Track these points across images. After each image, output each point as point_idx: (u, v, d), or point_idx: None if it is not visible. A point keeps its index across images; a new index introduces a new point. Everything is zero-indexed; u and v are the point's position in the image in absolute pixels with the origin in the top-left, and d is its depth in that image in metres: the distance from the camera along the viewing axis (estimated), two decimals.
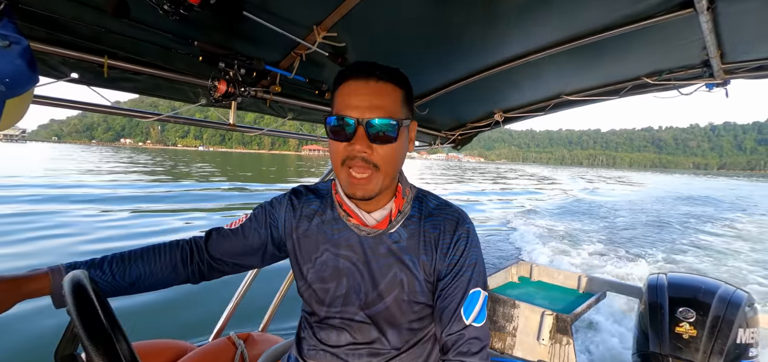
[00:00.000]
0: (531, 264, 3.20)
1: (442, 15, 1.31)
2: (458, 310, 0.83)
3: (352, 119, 0.76)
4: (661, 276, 2.01)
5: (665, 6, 1.32)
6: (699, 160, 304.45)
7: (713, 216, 16.17)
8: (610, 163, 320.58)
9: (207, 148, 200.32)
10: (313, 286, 0.91)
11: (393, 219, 0.87)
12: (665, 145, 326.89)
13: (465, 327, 0.82)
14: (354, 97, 0.78)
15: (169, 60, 1.25)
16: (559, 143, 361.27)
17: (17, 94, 0.86)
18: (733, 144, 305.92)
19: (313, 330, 0.95)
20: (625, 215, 15.34)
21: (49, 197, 12.46)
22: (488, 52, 1.68)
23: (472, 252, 0.86)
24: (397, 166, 0.83)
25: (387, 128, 0.77)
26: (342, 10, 1.17)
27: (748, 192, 35.48)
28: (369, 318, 0.89)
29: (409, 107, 0.84)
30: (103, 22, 1.02)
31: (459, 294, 0.84)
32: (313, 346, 0.94)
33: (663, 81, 1.92)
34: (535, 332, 2.35)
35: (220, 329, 1.79)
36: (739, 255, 8.86)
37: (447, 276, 0.85)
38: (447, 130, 2.68)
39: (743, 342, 1.72)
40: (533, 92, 2.26)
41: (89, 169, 26.17)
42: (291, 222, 0.94)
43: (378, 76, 0.79)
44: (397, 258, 0.87)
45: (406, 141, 0.85)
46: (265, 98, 1.48)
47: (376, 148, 0.78)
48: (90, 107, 1.24)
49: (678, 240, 10.52)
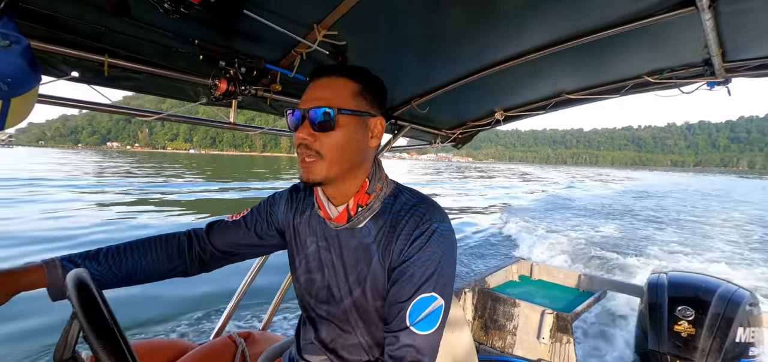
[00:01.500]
0: (531, 262, 3.20)
1: (443, 13, 1.31)
2: (402, 311, 0.78)
3: (299, 111, 0.83)
4: (662, 275, 2.01)
5: (667, 4, 1.32)
6: (676, 158, 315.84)
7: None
8: (592, 161, 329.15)
9: (198, 150, 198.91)
10: (303, 278, 0.96)
11: (353, 215, 0.87)
12: (644, 144, 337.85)
13: (404, 329, 0.77)
14: (306, 93, 0.85)
15: (169, 58, 1.25)
16: (544, 143, 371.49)
17: (20, 93, 0.86)
18: (708, 142, 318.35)
19: (308, 325, 0.98)
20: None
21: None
22: (489, 50, 1.68)
23: (430, 252, 0.80)
24: (345, 156, 0.83)
25: (324, 117, 0.80)
26: (342, 8, 1.16)
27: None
28: (347, 313, 0.91)
29: (367, 101, 0.85)
30: (104, 20, 1.02)
31: (406, 292, 0.79)
32: (308, 341, 0.97)
33: (664, 79, 1.91)
34: (536, 331, 2.35)
35: (220, 328, 1.79)
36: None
37: (398, 270, 0.82)
38: (447, 129, 2.68)
39: (743, 341, 1.71)
40: (534, 91, 2.26)
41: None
42: (289, 215, 1.00)
43: (329, 73, 0.84)
44: (364, 253, 0.87)
45: (362, 133, 0.85)
46: (265, 97, 1.48)
47: (319, 136, 0.81)
48: (92, 106, 1.24)
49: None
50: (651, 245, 9.22)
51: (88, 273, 0.61)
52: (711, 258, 7.93)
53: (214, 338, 1.70)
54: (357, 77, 0.85)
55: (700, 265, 7.49)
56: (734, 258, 8.10)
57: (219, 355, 1.44)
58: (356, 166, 0.87)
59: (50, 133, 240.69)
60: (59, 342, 0.60)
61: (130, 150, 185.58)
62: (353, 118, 0.83)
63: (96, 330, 0.50)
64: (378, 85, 0.89)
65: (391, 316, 0.81)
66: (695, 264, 7.60)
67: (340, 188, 0.87)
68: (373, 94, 0.87)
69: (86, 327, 0.51)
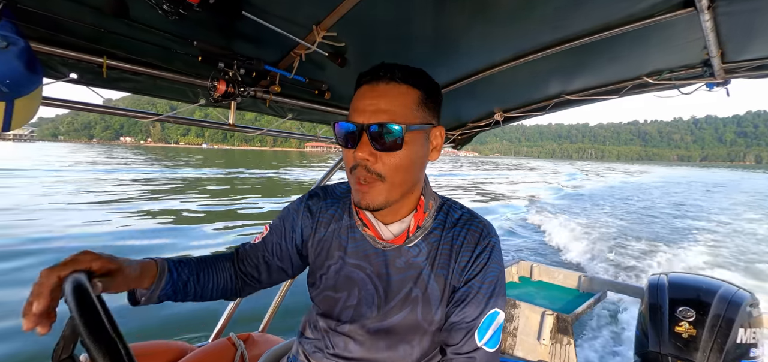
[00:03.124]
0: (531, 264, 3.19)
1: (442, 14, 1.31)
2: (472, 329, 0.76)
3: (354, 125, 0.72)
4: (662, 277, 2.01)
5: (666, 5, 1.32)
6: (682, 152, 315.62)
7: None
8: (598, 156, 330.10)
9: (211, 145, 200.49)
10: (324, 294, 0.88)
11: (411, 235, 0.82)
12: (650, 138, 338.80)
13: (476, 349, 0.75)
14: (361, 101, 0.74)
15: (168, 60, 1.25)
16: (549, 138, 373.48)
17: (22, 94, 0.87)
18: (715, 136, 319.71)
19: (321, 334, 0.90)
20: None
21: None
22: (488, 51, 1.68)
23: (493, 268, 0.79)
24: (408, 177, 0.76)
25: (390, 134, 0.70)
26: (341, 9, 1.16)
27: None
28: (380, 333, 0.84)
29: (430, 110, 0.77)
30: (102, 21, 1.02)
31: (476, 311, 0.77)
32: (319, 350, 0.90)
33: (663, 80, 1.92)
34: (536, 332, 2.35)
35: (220, 329, 1.79)
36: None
37: (464, 289, 0.78)
38: (447, 130, 2.68)
39: (744, 342, 1.71)
40: (534, 91, 2.26)
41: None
42: (309, 228, 0.91)
43: (389, 78, 0.73)
44: (414, 273, 0.82)
45: (425, 148, 0.77)
46: (264, 98, 1.48)
47: (381, 156, 0.72)
48: (92, 108, 1.24)
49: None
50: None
51: (86, 276, 0.60)
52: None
53: (213, 340, 1.70)
54: (420, 83, 0.75)
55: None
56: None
57: (218, 357, 1.43)
58: (416, 184, 0.80)
59: (64, 128, 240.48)
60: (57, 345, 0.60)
61: (143, 145, 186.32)
62: (419, 132, 0.74)
63: (93, 332, 0.50)
64: (437, 90, 0.80)
65: (458, 337, 0.77)
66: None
67: (395, 208, 0.80)
68: (435, 102, 0.79)
69: (83, 330, 0.50)
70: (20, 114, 0.88)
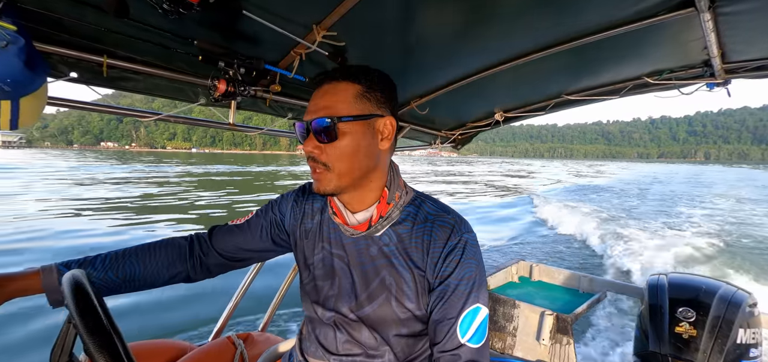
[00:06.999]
0: (531, 263, 3.19)
1: (442, 14, 1.31)
2: (454, 326, 0.78)
3: (303, 123, 0.81)
4: (662, 277, 2.01)
5: (666, 5, 1.32)
6: (641, 150, 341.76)
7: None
8: (567, 154, 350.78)
9: (200, 149, 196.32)
10: (311, 284, 0.93)
11: (373, 224, 0.85)
12: (613, 137, 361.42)
13: (460, 346, 0.77)
14: (310, 103, 0.82)
15: (168, 59, 1.25)
16: (522, 138, 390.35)
17: (26, 93, 0.87)
18: (669, 135, 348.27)
19: (313, 329, 0.95)
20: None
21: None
22: (489, 51, 1.67)
23: (469, 264, 0.81)
24: (354, 164, 0.80)
25: (325, 127, 0.78)
26: (341, 9, 1.16)
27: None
28: (361, 321, 0.87)
29: (373, 101, 0.81)
30: (102, 21, 1.02)
31: (455, 308, 0.79)
32: (312, 345, 0.94)
33: (664, 80, 1.92)
34: (536, 332, 2.35)
35: (219, 329, 1.78)
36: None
37: (440, 288, 0.81)
38: (447, 130, 2.67)
39: (744, 343, 1.71)
40: (534, 92, 2.26)
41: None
42: (297, 217, 0.97)
43: (331, 78, 0.81)
44: (387, 261, 0.85)
45: (369, 138, 0.81)
46: (264, 97, 1.48)
47: (325, 148, 0.79)
48: (95, 107, 1.24)
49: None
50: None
51: (85, 275, 0.60)
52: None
53: (212, 339, 1.70)
54: (358, 78, 0.81)
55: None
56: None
57: (218, 357, 1.43)
58: (370, 172, 0.83)
59: (39, 134, 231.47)
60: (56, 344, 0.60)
61: (128, 149, 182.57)
62: (357, 123, 0.79)
63: (92, 332, 0.50)
64: (383, 82, 0.84)
65: (440, 334, 0.79)
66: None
67: (356, 196, 0.85)
68: (379, 93, 0.83)
69: (82, 329, 0.50)
70: (26, 112, 0.88)
